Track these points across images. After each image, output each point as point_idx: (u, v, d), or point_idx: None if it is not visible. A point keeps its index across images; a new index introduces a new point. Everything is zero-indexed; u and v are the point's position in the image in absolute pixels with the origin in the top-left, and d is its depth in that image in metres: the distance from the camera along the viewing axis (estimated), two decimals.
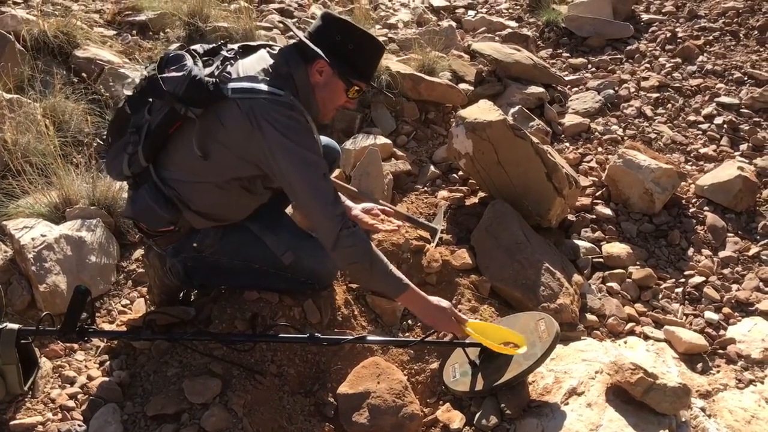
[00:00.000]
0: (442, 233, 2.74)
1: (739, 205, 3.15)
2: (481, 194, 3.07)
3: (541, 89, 3.91)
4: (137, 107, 1.93)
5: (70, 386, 2.00)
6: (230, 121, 1.80)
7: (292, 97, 1.81)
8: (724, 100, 3.88)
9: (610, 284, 2.79)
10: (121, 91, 3.11)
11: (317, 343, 2.01)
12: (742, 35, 4.51)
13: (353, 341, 2.12)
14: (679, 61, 4.33)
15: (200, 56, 1.90)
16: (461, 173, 3.25)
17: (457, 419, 2.02)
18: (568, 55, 4.65)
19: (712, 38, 4.51)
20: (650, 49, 4.53)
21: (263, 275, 2.16)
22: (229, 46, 1.99)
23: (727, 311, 2.66)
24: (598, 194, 3.24)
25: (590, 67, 4.46)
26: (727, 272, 2.88)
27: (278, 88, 1.81)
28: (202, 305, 2.23)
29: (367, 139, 3.22)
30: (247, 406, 1.92)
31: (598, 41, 4.68)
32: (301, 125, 1.82)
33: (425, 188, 3.19)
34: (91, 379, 2.02)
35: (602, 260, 2.89)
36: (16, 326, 1.83)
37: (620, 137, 3.68)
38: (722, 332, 2.56)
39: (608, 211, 3.13)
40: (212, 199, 1.96)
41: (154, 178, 1.92)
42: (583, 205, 3.15)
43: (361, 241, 1.88)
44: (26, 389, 1.87)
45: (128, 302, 2.39)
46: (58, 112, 2.83)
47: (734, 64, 4.20)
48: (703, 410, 2.07)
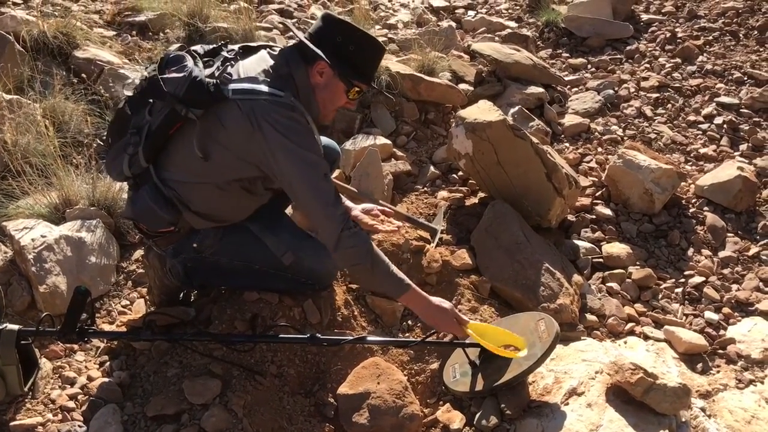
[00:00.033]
0: (442, 234, 2.73)
1: (738, 205, 3.15)
2: (481, 194, 3.07)
3: (540, 89, 3.91)
4: (137, 108, 1.94)
5: (70, 387, 2.00)
6: (231, 122, 1.81)
7: (292, 98, 1.82)
8: (723, 100, 3.88)
9: (609, 284, 2.79)
10: (120, 91, 3.11)
11: (317, 343, 2.01)
12: (741, 35, 4.51)
13: (353, 342, 2.12)
14: (678, 61, 4.33)
15: (201, 57, 1.90)
16: (461, 173, 3.25)
17: (457, 419, 2.02)
18: (567, 55, 4.64)
19: (711, 38, 4.51)
20: (650, 49, 4.53)
21: (263, 276, 2.16)
22: (229, 46, 1.99)
23: (727, 311, 2.66)
24: (597, 194, 3.23)
25: (590, 67, 4.45)
26: (727, 272, 2.88)
27: (279, 89, 1.81)
28: (202, 306, 2.24)
29: (366, 139, 3.22)
30: (247, 406, 1.92)
31: (597, 41, 4.67)
32: (301, 126, 1.82)
33: (425, 189, 3.19)
34: (91, 379, 2.02)
35: (602, 260, 2.89)
36: (16, 327, 1.83)
37: (620, 137, 3.67)
38: (722, 332, 2.56)
39: (608, 211, 3.13)
40: (212, 199, 1.96)
41: (154, 178, 1.92)
42: (583, 205, 3.15)
43: (362, 241, 1.88)
44: (26, 390, 1.87)
45: (128, 303, 2.39)
46: (57, 112, 2.83)
47: (734, 64, 4.20)
48: (703, 410, 2.07)
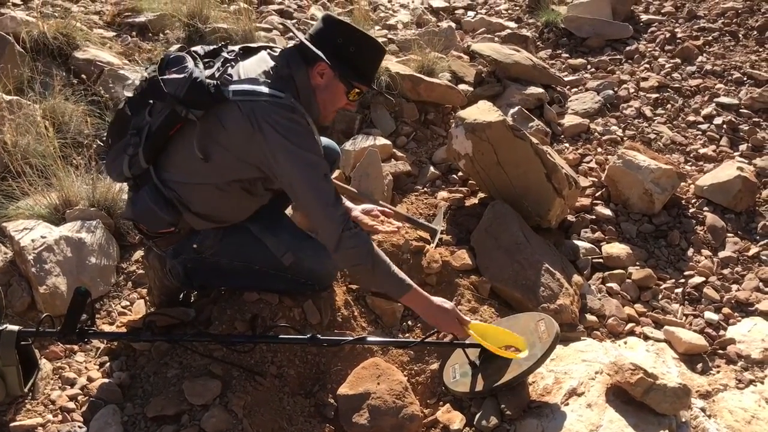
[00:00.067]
0: (441, 234, 2.73)
1: (738, 205, 3.15)
2: (480, 195, 3.07)
3: (540, 90, 3.91)
4: (138, 109, 1.94)
5: (70, 388, 1.99)
6: (231, 123, 1.81)
7: (293, 99, 1.82)
8: (723, 100, 3.88)
9: (609, 285, 2.79)
10: (120, 92, 3.11)
11: (317, 344, 2.01)
12: (741, 35, 4.51)
13: (353, 342, 2.12)
14: (678, 61, 4.33)
15: (201, 58, 1.90)
16: (461, 174, 3.25)
17: (457, 420, 2.02)
18: (567, 55, 4.64)
19: (711, 38, 4.51)
20: (649, 49, 4.53)
21: (263, 276, 2.16)
22: (229, 47, 1.99)
23: (726, 311, 2.66)
24: (597, 195, 3.24)
25: (589, 67, 4.46)
26: (726, 272, 2.88)
27: (279, 90, 1.81)
28: (202, 306, 2.24)
29: (366, 140, 3.23)
30: (247, 407, 1.92)
31: (597, 42, 4.68)
32: (302, 127, 1.82)
33: (425, 189, 3.19)
34: (91, 380, 2.02)
35: (602, 261, 2.89)
36: (16, 328, 1.82)
37: (620, 138, 3.68)
38: (722, 332, 2.56)
39: (608, 211, 3.13)
40: (212, 200, 1.96)
41: (154, 179, 1.92)
42: (582, 205, 3.16)
43: (363, 242, 1.88)
44: (26, 391, 1.87)
45: (128, 303, 2.39)
46: (57, 113, 2.83)
47: (733, 64, 4.20)
48: (703, 410, 2.07)
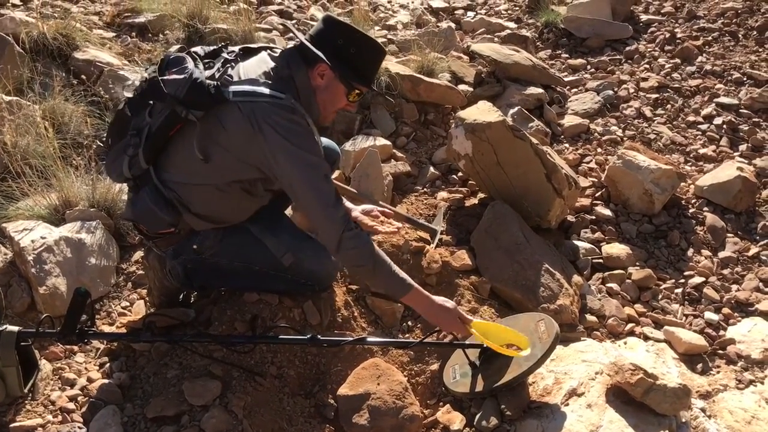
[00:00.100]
0: (441, 234, 2.73)
1: (738, 205, 3.15)
2: (480, 195, 3.07)
3: (540, 90, 3.91)
4: (137, 109, 1.94)
5: (70, 388, 1.99)
6: (231, 124, 1.81)
7: (293, 100, 1.82)
8: (723, 100, 3.88)
9: (609, 285, 2.79)
10: (120, 92, 3.11)
11: (317, 344, 2.01)
12: (741, 36, 4.51)
13: (353, 343, 2.12)
14: (678, 61, 4.33)
15: (201, 58, 1.90)
16: (461, 174, 3.25)
17: (457, 420, 2.02)
18: (567, 56, 4.65)
19: (711, 39, 4.51)
20: (649, 49, 4.53)
21: (263, 277, 2.16)
22: (229, 48, 1.99)
23: (726, 312, 2.66)
24: (597, 195, 3.24)
25: (589, 67, 4.46)
26: (726, 273, 2.88)
27: (279, 91, 1.81)
28: (201, 307, 2.24)
29: (366, 140, 3.23)
30: (247, 407, 1.92)
31: (597, 42, 4.68)
32: (302, 128, 1.82)
33: (425, 189, 3.19)
34: (91, 381, 2.02)
35: (602, 261, 2.89)
36: (16, 328, 1.82)
37: (620, 138, 3.68)
38: (722, 333, 2.56)
39: (608, 211, 3.13)
40: (213, 201, 1.96)
41: (154, 180, 1.92)
42: (582, 205, 3.15)
43: (364, 243, 1.88)
44: (26, 391, 1.87)
45: (128, 304, 2.39)
46: (57, 114, 2.83)
47: (733, 64, 4.20)
48: (703, 411, 2.07)
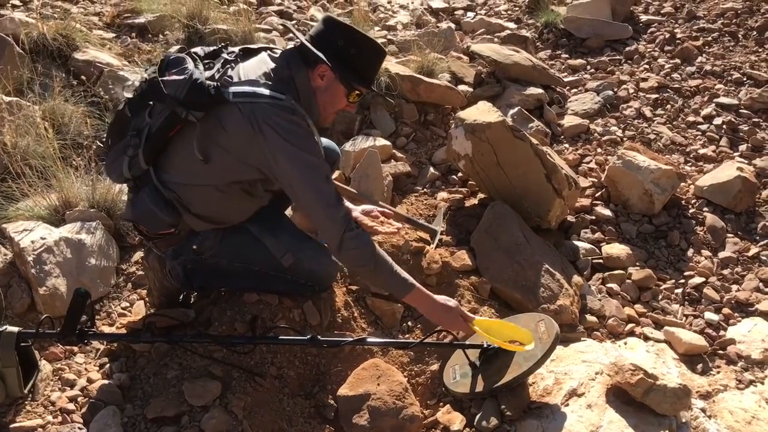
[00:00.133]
0: (441, 235, 2.73)
1: (738, 205, 3.15)
2: (480, 196, 3.07)
3: (540, 90, 3.91)
4: (137, 110, 1.94)
5: (70, 389, 1.99)
6: (232, 124, 1.81)
7: (293, 101, 1.82)
8: (723, 100, 3.88)
9: (609, 285, 2.79)
10: (120, 93, 3.11)
11: (317, 345, 2.01)
12: (740, 36, 4.51)
13: (353, 343, 2.12)
14: (678, 62, 4.33)
15: (201, 59, 1.90)
16: (461, 175, 3.25)
17: (457, 421, 2.02)
18: (567, 56, 4.64)
19: (711, 39, 4.51)
20: (649, 50, 4.53)
21: (263, 277, 2.16)
22: (229, 48, 1.99)
23: (727, 312, 2.66)
24: (597, 195, 3.24)
25: (589, 68, 4.45)
26: (726, 273, 2.88)
27: (280, 92, 1.81)
28: (201, 307, 2.23)
29: (366, 140, 3.23)
30: (247, 408, 1.92)
31: (597, 42, 4.68)
32: (302, 129, 1.82)
33: (425, 190, 3.19)
34: (91, 381, 2.02)
35: (602, 261, 2.89)
36: (15, 329, 1.82)
37: (619, 138, 3.68)
38: (722, 333, 2.56)
39: (608, 212, 3.13)
40: (212, 202, 1.96)
41: (154, 180, 1.92)
42: (582, 206, 3.15)
43: (365, 243, 1.88)
44: (26, 392, 1.86)
45: (128, 305, 2.39)
46: (57, 114, 2.83)
47: (733, 64, 4.20)
48: (703, 411, 2.07)
